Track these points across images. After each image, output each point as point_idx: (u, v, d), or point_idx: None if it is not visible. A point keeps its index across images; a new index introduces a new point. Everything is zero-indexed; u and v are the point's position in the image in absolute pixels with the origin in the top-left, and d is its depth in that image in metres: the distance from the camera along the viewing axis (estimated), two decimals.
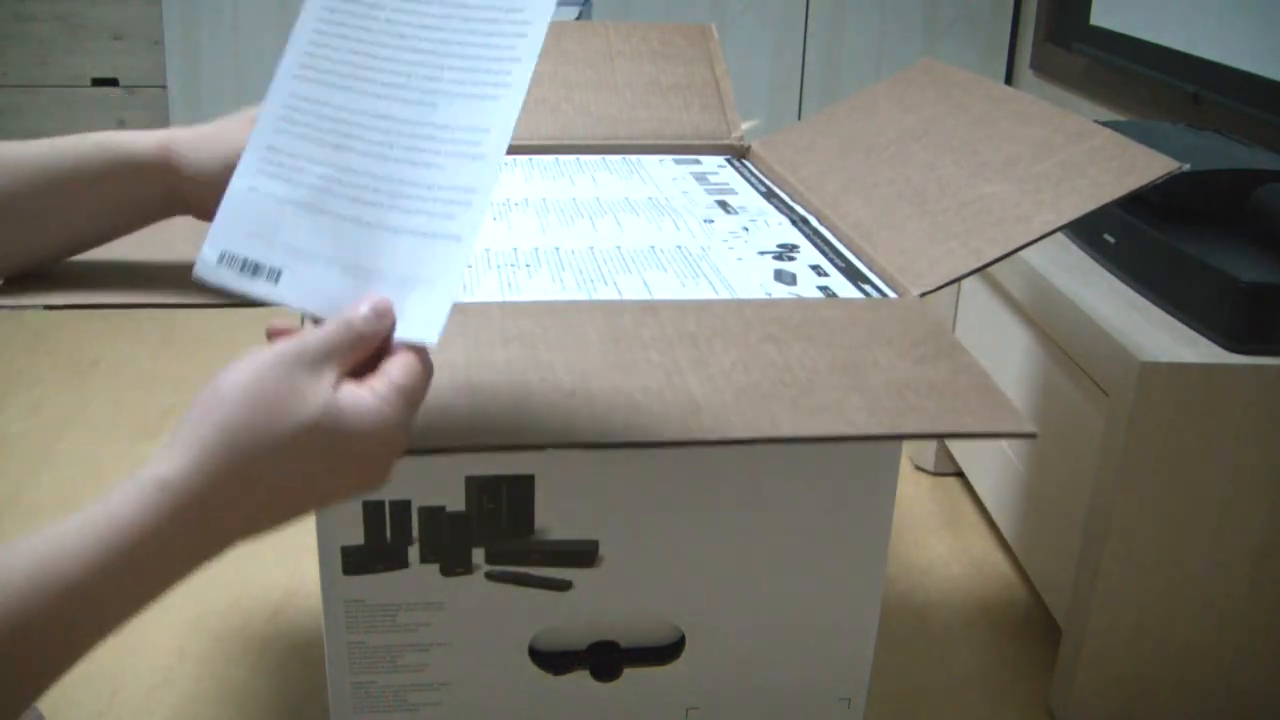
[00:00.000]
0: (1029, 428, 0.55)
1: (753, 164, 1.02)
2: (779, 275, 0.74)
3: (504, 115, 0.51)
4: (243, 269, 0.54)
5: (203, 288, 0.55)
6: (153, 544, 0.42)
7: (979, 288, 1.22)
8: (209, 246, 0.55)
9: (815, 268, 0.76)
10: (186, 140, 0.63)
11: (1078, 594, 0.94)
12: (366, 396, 0.46)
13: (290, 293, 0.53)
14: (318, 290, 0.52)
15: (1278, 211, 0.91)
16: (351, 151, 0.53)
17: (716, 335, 0.63)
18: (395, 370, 0.47)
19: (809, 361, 0.61)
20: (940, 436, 0.55)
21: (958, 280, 0.69)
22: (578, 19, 1.56)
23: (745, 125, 1.06)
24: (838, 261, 0.77)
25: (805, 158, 0.95)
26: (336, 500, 0.47)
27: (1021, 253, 0.89)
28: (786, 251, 0.79)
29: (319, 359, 0.46)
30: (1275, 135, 1.24)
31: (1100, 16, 1.70)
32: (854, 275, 0.74)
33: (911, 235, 0.75)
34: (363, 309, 0.48)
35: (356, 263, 0.51)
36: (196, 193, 0.62)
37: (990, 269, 0.93)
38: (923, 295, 0.69)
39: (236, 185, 0.55)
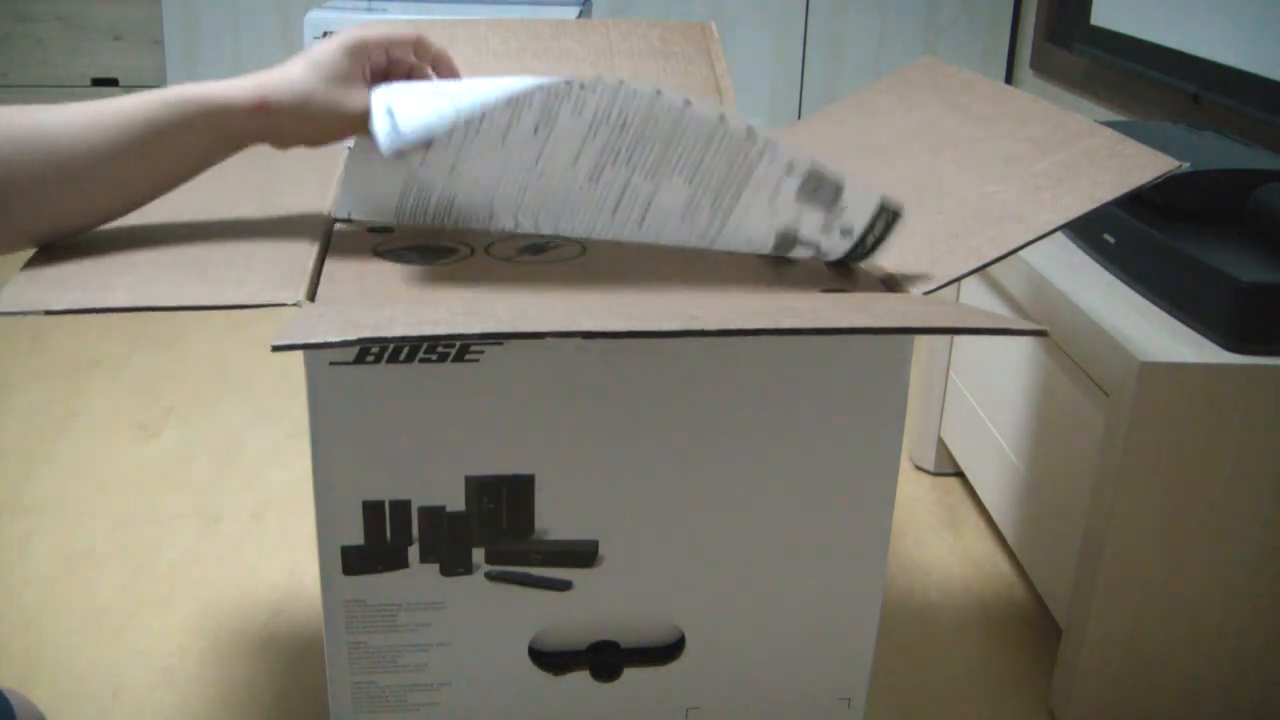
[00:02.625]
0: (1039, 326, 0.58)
1: None
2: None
3: None
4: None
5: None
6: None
7: (979, 288, 1.22)
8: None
9: None
10: (279, 96, 0.72)
11: (1078, 594, 0.94)
12: None
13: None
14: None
15: (1278, 211, 0.91)
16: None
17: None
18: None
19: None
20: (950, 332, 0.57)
21: (958, 280, 0.69)
22: (579, 17, 1.56)
23: None
24: None
25: None
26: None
27: (1021, 253, 0.89)
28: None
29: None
30: (1275, 135, 1.24)
31: (1100, 16, 1.70)
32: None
33: (911, 235, 0.75)
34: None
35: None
36: (289, 137, 0.74)
37: (990, 269, 0.93)
38: (922, 295, 0.69)
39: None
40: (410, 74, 0.77)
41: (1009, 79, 2.17)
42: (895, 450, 0.70)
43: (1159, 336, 0.89)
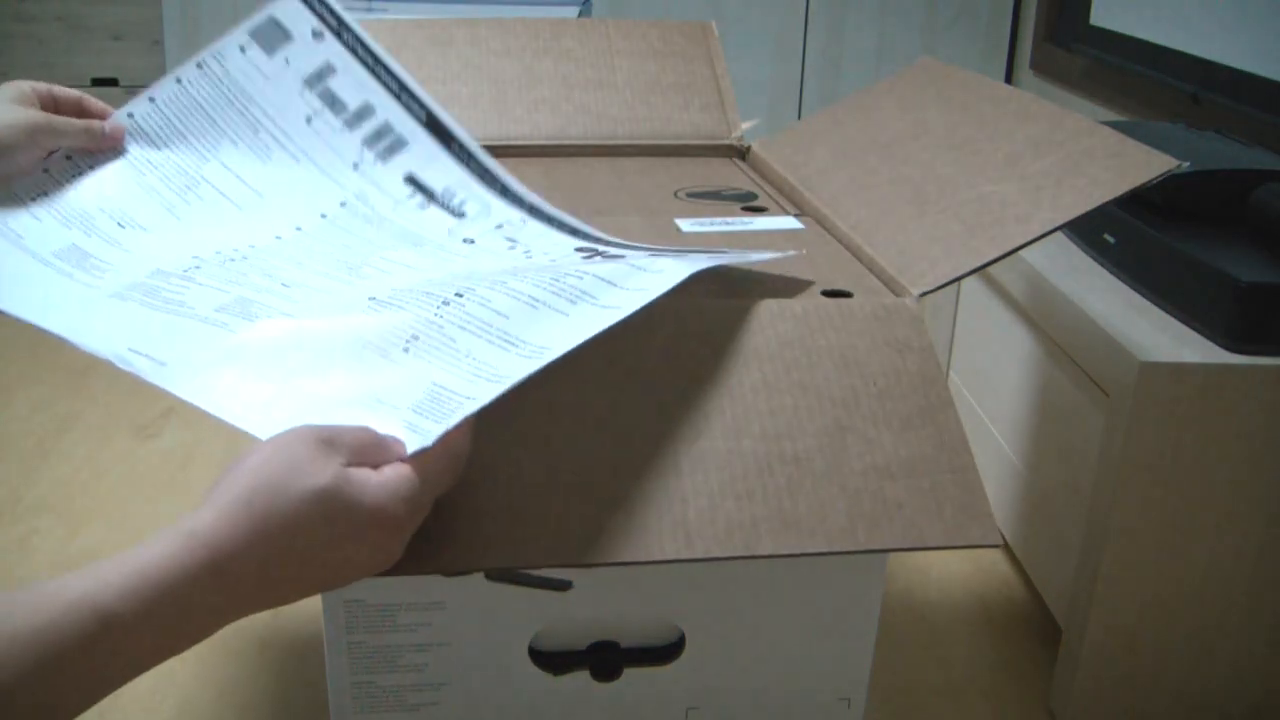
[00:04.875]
0: (995, 539, 0.60)
1: (752, 164, 1.02)
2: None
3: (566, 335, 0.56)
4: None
5: None
6: (177, 584, 0.45)
7: (979, 288, 1.22)
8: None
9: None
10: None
11: (1078, 594, 0.94)
12: (374, 475, 0.50)
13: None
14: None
15: (1278, 211, 0.91)
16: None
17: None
18: (408, 459, 0.51)
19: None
20: (910, 549, 0.60)
21: (958, 280, 0.69)
22: (579, 17, 1.56)
23: (745, 125, 1.06)
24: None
25: (805, 158, 0.95)
26: (349, 576, 0.50)
27: (1021, 253, 0.89)
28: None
29: (335, 441, 0.50)
30: (1275, 135, 1.23)
31: (1100, 16, 1.70)
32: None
33: (911, 235, 0.75)
34: (386, 433, 0.52)
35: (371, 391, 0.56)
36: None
37: (990, 269, 0.93)
38: (922, 295, 0.69)
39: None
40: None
41: (1009, 79, 2.17)
42: None
43: (1159, 336, 0.89)
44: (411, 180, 0.74)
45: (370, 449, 0.51)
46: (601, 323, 0.57)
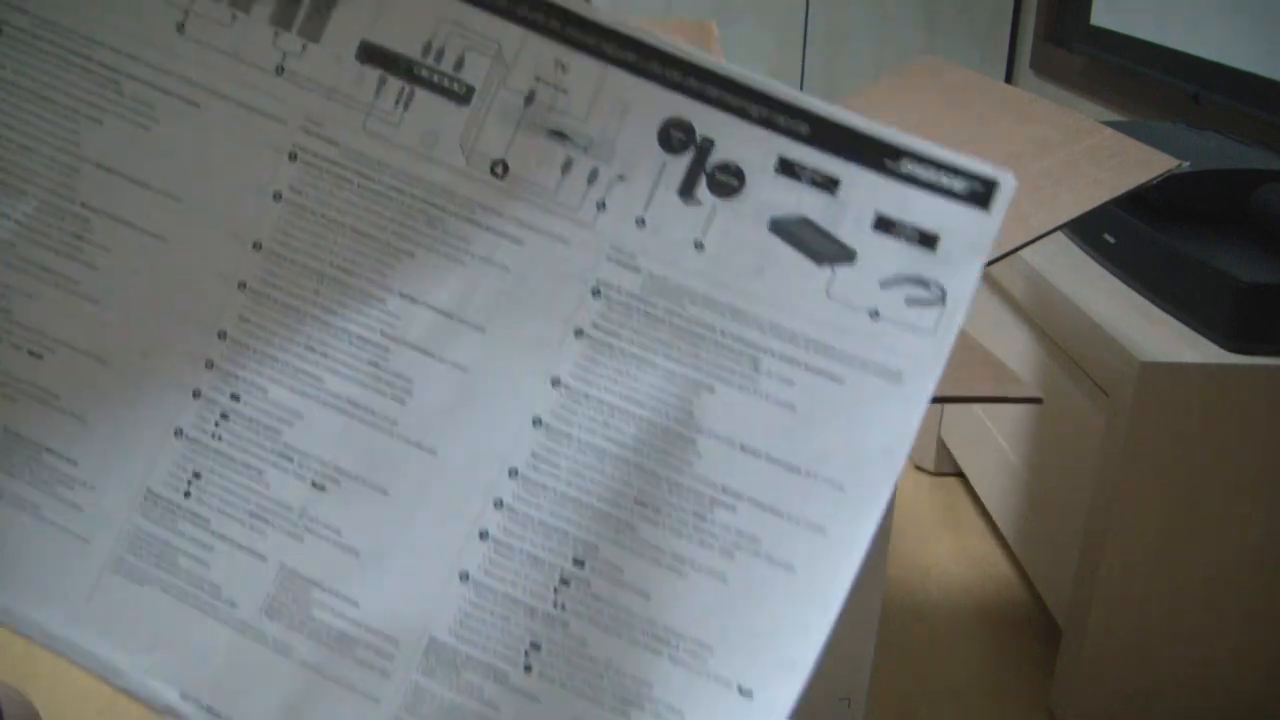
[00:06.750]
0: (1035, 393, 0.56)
1: None
2: None
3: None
4: None
5: None
6: None
7: (979, 288, 1.22)
8: None
9: None
10: None
11: (1078, 594, 0.94)
12: None
13: None
14: None
15: (1278, 211, 0.91)
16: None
17: None
18: None
19: None
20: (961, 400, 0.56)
21: None
22: None
23: None
24: None
25: None
26: None
27: (1021, 253, 0.89)
28: None
29: None
30: (1275, 135, 1.23)
31: (1100, 16, 1.70)
32: None
33: None
34: None
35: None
36: None
37: (990, 269, 0.93)
38: None
39: None
40: None
41: (1009, 79, 2.17)
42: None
43: (1159, 336, 0.89)
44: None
45: None
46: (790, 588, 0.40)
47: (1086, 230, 1.09)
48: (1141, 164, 0.70)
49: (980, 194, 0.41)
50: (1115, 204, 0.70)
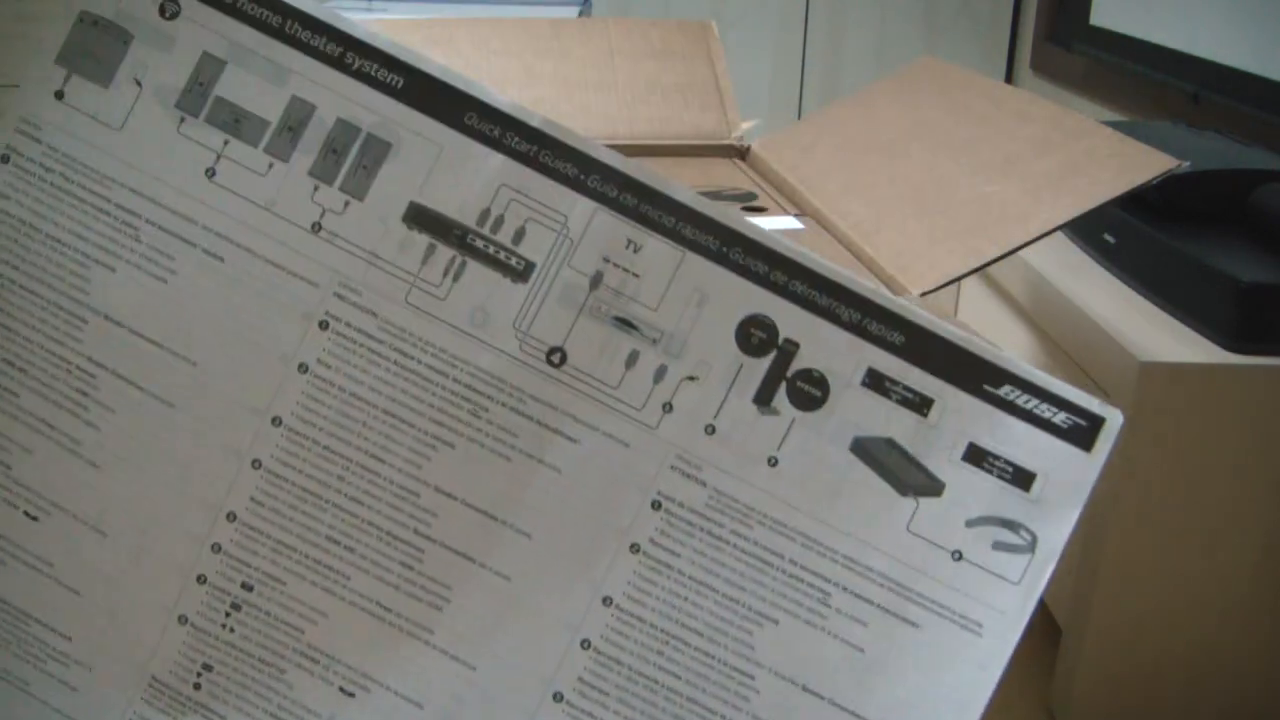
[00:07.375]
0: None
1: (752, 164, 1.02)
2: None
3: None
4: None
5: None
6: None
7: (979, 288, 1.22)
8: None
9: None
10: None
11: (1078, 594, 0.94)
12: None
13: None
14: None
15: (1278, 211, 0.91)
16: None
17: None
18: None
19: None
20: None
21: (957, 280, 0.69)
22: (579, 16, 1.56)
23: (745, 125, 1.06)
24: None
25: (805, 157, 0.95)
26: None
27: (1021, 253, 0.89)
28: None
29: None
30: (1275, 135, 1.23)
31: (1100, 16, 1.70)
32: None
33: (911, 235, 0.75)
34: None
35: None
36: None
37: (990, 269, 0.93)
38: (923, 295, 0.69)
39: None
40: None
41: (1009, 79, 2.17)
42: None
43: (1159, 336, 0.89)
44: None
45: None
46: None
47: (1086, 230, 1.09)
48: (1141, 164, 0.70)
49: (1083, 430, 0.39)
50: (1115, 204, 0.70)
